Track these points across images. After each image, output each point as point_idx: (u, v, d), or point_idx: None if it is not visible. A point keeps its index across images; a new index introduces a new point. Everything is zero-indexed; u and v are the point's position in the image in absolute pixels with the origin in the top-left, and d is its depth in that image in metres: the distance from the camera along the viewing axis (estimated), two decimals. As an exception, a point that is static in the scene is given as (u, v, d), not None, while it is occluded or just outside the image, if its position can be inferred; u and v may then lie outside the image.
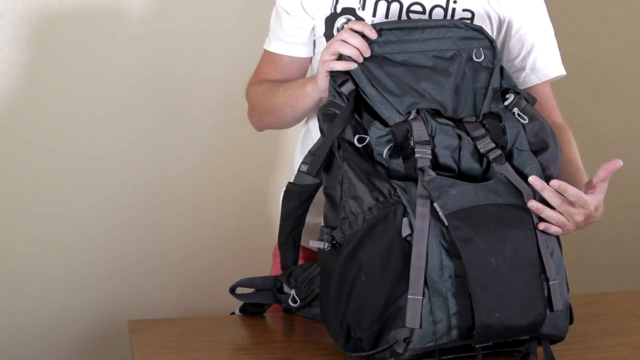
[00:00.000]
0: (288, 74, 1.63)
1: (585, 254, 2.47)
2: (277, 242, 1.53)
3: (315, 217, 1.52)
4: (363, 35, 1.38)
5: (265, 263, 1.80)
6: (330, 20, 1.57)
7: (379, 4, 1.55)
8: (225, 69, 2.26)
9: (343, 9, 1.56)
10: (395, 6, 1.55)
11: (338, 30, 1.55)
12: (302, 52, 1.63)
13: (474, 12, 1.55)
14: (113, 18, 2.23)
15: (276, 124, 1.65)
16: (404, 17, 1.54)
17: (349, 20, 1.54)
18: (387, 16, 1.54)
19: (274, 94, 1.58)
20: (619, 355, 1.42)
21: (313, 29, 1.60)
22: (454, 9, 1.54)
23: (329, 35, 1.57)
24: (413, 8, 1.55)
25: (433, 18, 1.54)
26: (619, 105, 2.41)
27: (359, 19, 1.54)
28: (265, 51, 1.66)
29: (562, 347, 1.37)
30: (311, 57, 1.64)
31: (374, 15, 1.55)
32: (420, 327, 1.25)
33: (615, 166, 1.33)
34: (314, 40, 1.62)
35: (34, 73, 2.21)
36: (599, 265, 2.47)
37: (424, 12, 1.55)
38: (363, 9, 1.55)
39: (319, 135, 1.44)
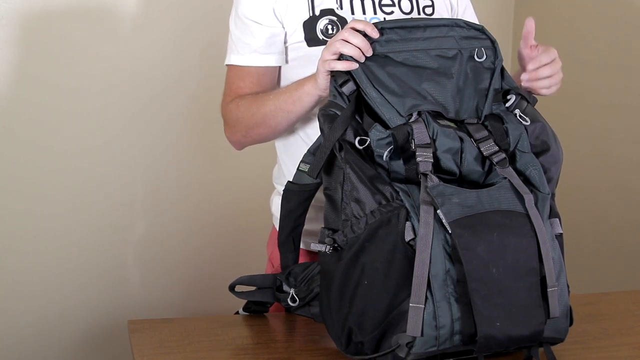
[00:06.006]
0: (264, 85, 1.60)
1: (585, 254, 2.47)
2: (274, 240, 1.53)
3: (314, 224, 1.51)
4: (365, 35, 1.36)
5: (265, 263, 1.80)
6: (310, 24, 1.56)
7: (354, 1, 1.56)
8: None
9: (322, 10, 1.55)
10: (368, 2, 1.56)
11: (322, 32, 1.55)
12: (277, 60, 1.60)
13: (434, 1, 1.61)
14: (114, 18, 2.24)
15: (265, 135, 1.60)
16: (378, 11, 1.56)
17: (331, 21, 1.54)
18: (364, 12, 1.55)
19: (262, 104, 1.55)
20: (619, 355, 1.42)
21: (285, 36, 1.58)
22: None
23: (311, 39, 1.56)
24: (384, 2, 1.56)
25: (403, 9, 1.57)
26: (618, 105, 2.41)
27: (340, 18, 1.54)
28: (235, 66, 1.62)
29: (562, 347, 1.37)
30: (280, 66, 1.62)
31: (352, 13, 1.55)
32: (422, 335, 1.24)
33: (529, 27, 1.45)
34: (287, 47, 1.60)
35: (34, 73, 2.22)
36: (599, 265, 2.47)
37: (393, 5, 1.57)
38: (341, 8, 1.55)
39: (305, 136, 1.42)
